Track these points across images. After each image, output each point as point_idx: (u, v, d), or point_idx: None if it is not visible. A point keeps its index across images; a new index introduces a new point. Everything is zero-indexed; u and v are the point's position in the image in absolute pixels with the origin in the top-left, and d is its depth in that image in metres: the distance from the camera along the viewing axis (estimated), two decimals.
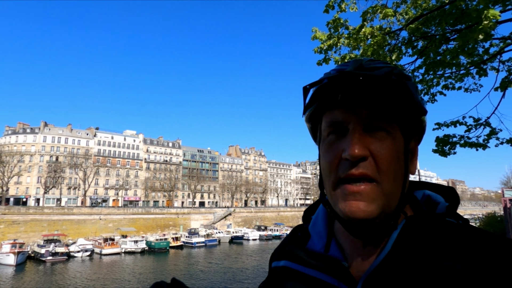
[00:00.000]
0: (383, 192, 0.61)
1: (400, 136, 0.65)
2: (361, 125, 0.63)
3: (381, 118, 0.63)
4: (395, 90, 0.63)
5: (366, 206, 0.60)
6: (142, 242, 53.06)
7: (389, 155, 0.62)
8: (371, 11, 5.02)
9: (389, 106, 0.63)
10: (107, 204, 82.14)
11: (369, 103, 0.63)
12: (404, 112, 0.65)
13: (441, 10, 4.60)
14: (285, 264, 0.77)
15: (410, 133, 0.68)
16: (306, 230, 0.80)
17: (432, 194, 0.72)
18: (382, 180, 0.61)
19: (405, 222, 0.64)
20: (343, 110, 0.65)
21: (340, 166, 0.63)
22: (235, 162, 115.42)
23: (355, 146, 0.61)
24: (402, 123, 0.66)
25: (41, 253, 43.60)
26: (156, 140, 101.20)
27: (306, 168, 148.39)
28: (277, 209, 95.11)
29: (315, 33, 5.40)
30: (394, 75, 0.64)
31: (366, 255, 0.66)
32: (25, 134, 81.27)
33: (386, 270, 0.60)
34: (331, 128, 0.66)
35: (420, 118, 0.68)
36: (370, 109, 0.63)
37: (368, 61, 0.68)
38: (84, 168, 78.05)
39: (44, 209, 60.04)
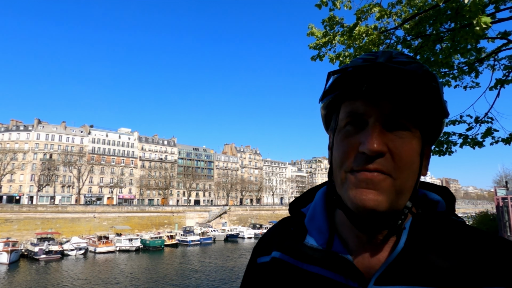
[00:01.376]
0: (396, 188, 0.60)
1: (419, 135, 0.63)
2: (382, 120, 0.61)
3: (405, 115, 0.61)
4: (424, 88, 0.61)
5: (377, 195, 0.59)
6: (136, 240, 52.89)
7: (407, 155, 0.61)
8: (365, 9, 5.02)
9: (415, 104, 0.61)
10: (101, 202, 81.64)
11: (395, 98, 0.61)
12: (429, 113, 0.64)
13: (436, 10, 4.60)
14: (279, 256, 0.73)
15: (429, 135, 0.67)
16: (301, 225, 0.75)
17: (427, 192, 0.72)
18: (397, 177, 0.60)
19: (413, 220, 0.64)
20: (365, 102, 0.62)
21: (356, 159, 0.62)
22: (231, 161, 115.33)
23: (374, 140, 0.59)
24: (423, 123, 0.64)
25: (34, 252, 43.31)
26: (151, 138, 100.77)
27: (302, 166, 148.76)
28: (273, 208, 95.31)
29: (311, 30, 5.40)
30: (424, 72, 0.61)
31: (374, 251, 0.64)
32: (18, 131, 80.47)
33: (399, 268, 0.59)
34: (350, 119, 0.64)
35: (441, 121, 0.66)
36: (394, 105, 0.61)
37: (397, 54, 0.65)
38: (78, 166, 77.54)
39: (38, 207, 59.61)
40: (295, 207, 0.83)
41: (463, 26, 4.34)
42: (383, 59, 0.62)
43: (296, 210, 0.82)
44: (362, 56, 0.66)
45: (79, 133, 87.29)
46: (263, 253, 0.79)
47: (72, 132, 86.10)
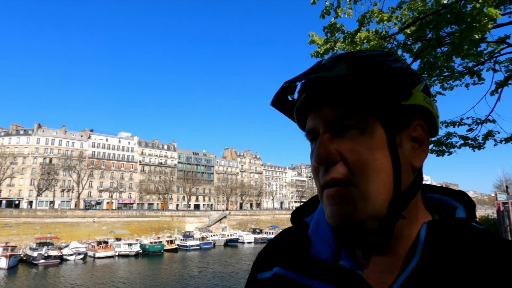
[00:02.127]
0: (362, 195, 0.55)
1: (378, 128, 0.58)
2: (329, 127, 0.59)
3: (350, 115, 0.57)
4: (356, 78, 0.57)
5: (343, 210, 0.56)
6: (136, 245, 52.69)
7: (360, 154, 0.56)
8: (367, 15, 5.06)
9: (355, 100, 0.58)
10: (101, 207, 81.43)
11: (332, 102, 0.59)
12: (377, 101, 0.58)
13: (437, 14, 4.63)
14: (280, 272, 0.67)
15: (397, 121, 0.60)
16: (304, 236, 0.69)
17: (443, 198, 0.67)
18: (358, 183, 0.56)
19: (427, 228, 0.58)
20: (312, 116, 0.62)
21: (318, 174, 0.60)
22: (231, 165, 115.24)
23: (319, 150, 0.57)
24: (379, 113, 0.58)
25: (33, 256, 43.08)
26: (151, 142, 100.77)
27: (302, 171, 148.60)
28: (273, 212, 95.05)
29: (312, 38, 5.44)
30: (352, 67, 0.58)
31: (387, 264, 0.59)
32: (18, 135, 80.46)
33: (417, 282, 0.53)
34: (310, 136, 0.63)
35: (400, 104, 0.59)
36: (335, 109, 0.58)
37: (329, 59, 0.62)
38: (78, 171, 77.44)
39: (37, 212, 59.44)
40: (298, 217, 0.76)
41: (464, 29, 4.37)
42: (306, 72, 0.61)
43: (299, 220, 0.75)
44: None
45: (79, 137, 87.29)
46: (264, 268, 0.72)
47: (72, 137, 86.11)
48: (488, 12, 3.44)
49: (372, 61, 0.59)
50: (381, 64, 0.59)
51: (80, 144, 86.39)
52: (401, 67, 0.60)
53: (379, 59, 0.60)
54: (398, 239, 0.58)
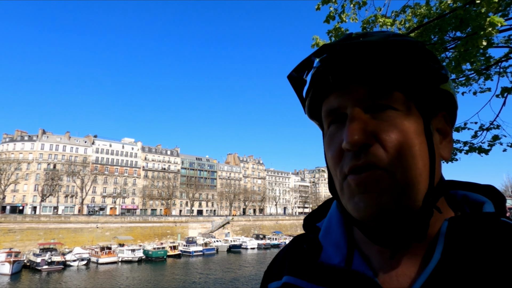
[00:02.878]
0: (398, 183, 0.49)
1: (415, 112, 0.53)
2: (360, 106, 0.53)
3: (384, 94, 0.52)
4: (395, 56, 0.52)
5: (377, 198, 0.49)
6: (139, 250, 52.58)
7: (399, 138, 0.50)
8: (371, 20, 5.07)
9: (392, 77, 0.52)
10: (104, 212, 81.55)
11: (366, 79, 0.52)
12: (415, 82, 0.53)
13: (441, 19, 4.63)
14: (290, 280, 0.62)
15: (431, 107, 0.55)
16: (315, 241, 0.65)
17: (469, 193, 0.61)
18: (396, 169, 0.49)
19: (448, 224, 0.52)
20: (338, 94, 0.55)
21: (344, 160, 0.53)
22: (234, 170, 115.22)
23: (353, 131, 0.50)
24: (415, 96, 0.53)
25: (37, 262, 43.08)
26: (154, 148, 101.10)
27: (305, 176, 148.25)
28: (276, 218, 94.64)
29: (315, 41, 5.45)
30: (392, 37, 0.53)
31: (403, 268, 0.53)
32: (23, 141, 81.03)
33: (438, 284, 0.48)
34: (330, 117, 0.57)
35: (440, 87, 0.55)
36: (368, 86, 0.52)
37: (358, 34, 0.57)
38: (81, 176, 77.76)
39: (41, 217, 59.59)
40: (310, 222, 0.72)
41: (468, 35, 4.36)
42: (339, 42, 0.54)
43: (311, 225, 0.71)
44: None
45: (83, 143, 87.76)
46: (274, 278, 0.68)
47: (76, 142, 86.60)
48: (492, 20, 3.44)
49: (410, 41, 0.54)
50: (417, 45, 0.54)
51: (84, 149, 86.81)
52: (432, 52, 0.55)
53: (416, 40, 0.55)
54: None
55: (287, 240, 75.95)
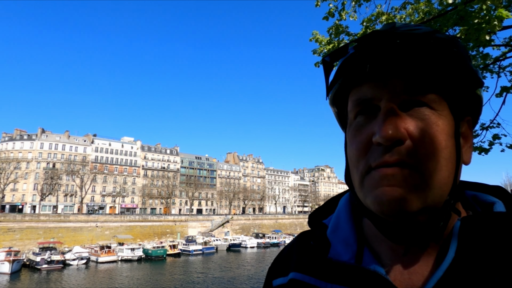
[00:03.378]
0: (426, 182, 0.49)
1: (448, 114, 0.52)
2: (396, 100, 0.51)
3: (422, 91, 0.50)
4: (439, 54, 0.50)
5: (403, 193, 0.48)
6: (139, 249, 52.61)
7: (433, 137, 0.49)
8: (373, 18, 5.05)
9: (433, 75, 0.51)
10: (104, 211, 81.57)
11: (406, 73, 0.50)
12: (454, 83, 0.52)
13: (442, 16, 4.62)
14: (297, 277, 0.61)
15: (463, 110, 0.55)
16: (323, 237, 0.64)
17: (477, 193, 0.61)
18: (425, 167, 0.49)
19: (461, 224, 0.52)
20: (372, 84, 0.53)
21: (371, 153, 0.51)
22: (233, 169, 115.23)
23: (388, 126, 0.49)
24: (451, 97, 0.53)
25: (36, 261, 43.10)
26: (154, 147, 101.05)
27: (304, 175, 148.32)
28: (275, 217, 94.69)
29: (315, 36, 5.44)
30: (438, 36, 0.51)
31: (416, 265, 0.52)
32: (22, 140, 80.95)
33: (452, 282, 0.47)
34: (359, 107, 0.55)
35: (475, 92, 0.54)
36: (407, 81, 0.51)
37: (402, 25, 0.54)
38: (81, 175, 77.69)
39: (40, 217, 59.58)
40: (316, 219, 0.71)
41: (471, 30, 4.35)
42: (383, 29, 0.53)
43: (317, 222, 0.70)
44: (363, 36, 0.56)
45: (82, 142, 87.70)
46: (279, 274, 0.67)
47: (75, 141, 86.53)
48: (499, 13, 3.41)
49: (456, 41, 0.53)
50: (462, 45, 0.53)
51: (83, 148, 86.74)
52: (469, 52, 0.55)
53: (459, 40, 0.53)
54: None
55: (287, 239, 76.14)
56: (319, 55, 5.49)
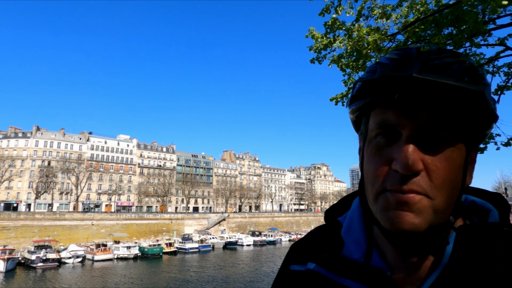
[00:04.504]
0: (434, 208, 0.54)
1: (462, 147, 0.57)
2: (418, 132, 0.55)
3: (445, 127, 0.54)
4: (467, 98, 0.53)
5: (413, 218, 0.54)
6: (135, 247, 52.48)
7: (446, 171, 0.54)
8: (366, 6, 5.08)
9: (456, 114, 0.55)
10: (99, 210, 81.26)
11: (432, 109, 0.54)
12: (473, 121, 0.57)
13: (438, 15, 4.63)
14: (315, 269, 0.68)
15: (474, 142, 0.60)
16: (337, 236, 0.72)
17: (477, 200, 0.66)
18: (435, 197, 0.54)
19: (457, 233, 0.58)
20: (398, 112, 0.56)
21: (388, 177, 0.56)
22: (229, 167, 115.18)
23: (409, 157, 0.53)
24: (468, 132, 0.57)
25: (31, 260, 42.86)
26: (150, 145, 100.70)
27: (300, 173, 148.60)
28: (272, 215, 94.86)
29: (311, 32, 5.44)
30: (467, 78, 0.53)
31: (416, 268, 0.59)
32: (16, 138, 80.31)
33: (445, 285, 0.54)
34: (381, 130, 0.58)
35: (490, 126, 0.59)
36: (432, 116, 0.54)
37: (436, 54, 0.56)
38: (76, 173, 77.28)
39: (35, 215, 59.21)
40: (331, 216, 0.78)
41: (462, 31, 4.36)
42: (417, 69, 0.54)
43: (332, 219, 0.77)
44: (393, 56, 0.59)
45: (78, 140, 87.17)
46: (297, 261, 0.74)
47: (70, 139, 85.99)
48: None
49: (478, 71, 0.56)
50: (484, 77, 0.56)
51: (79, 146, 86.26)
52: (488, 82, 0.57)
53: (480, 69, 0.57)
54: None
55: (283, 237, 76.41)
56: (315, 51, 5.49)
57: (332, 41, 5.26)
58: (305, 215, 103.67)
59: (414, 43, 5.17)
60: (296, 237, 76.39)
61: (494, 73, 5.66)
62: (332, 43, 5.28)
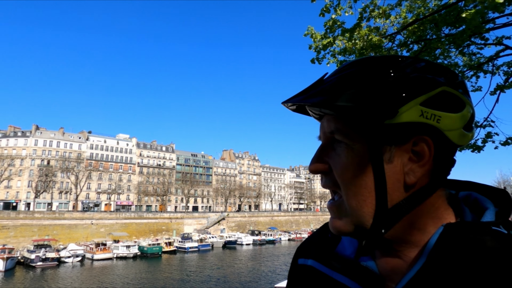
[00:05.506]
0: (347, 208, 0.59)
1: (361, 145, 0.59)
2: (324, 139, 0.63)
3: (339, 130, 0.60)
4: (341, 99, 0.58)
5: (335, 222, 0.61)
6: (134, 247, 52.50)
7: (341, 169, 0.60)
8: (368, 9, 5.08)
9: (344, 117, 0.60)
10: (99, 209, 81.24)
11: (329, 118, 0.63)
12: (362, 120, 0.59)
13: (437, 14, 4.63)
14: (312, 264, 0.74)
15: (381, 139, 0.59)
16: None
17: (479, 197, 0.65)
18: (344, 196, 0.60)
19: (442, 231, 0.57)
20: (320, 125, 0.66)
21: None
22: (229, 167, 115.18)
23: (312, 160, 0.62)
24: (364, 131, 0.60)
25: (31, 259, 42.86)
26: (149, 144, 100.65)
27: (300, 172, 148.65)
28: (271, 214, 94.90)
29: (310, 31, 5.45)
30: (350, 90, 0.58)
31: (398, 264, 0.61)
32: (16, 137, 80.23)
33: (420, 283, 0.55)
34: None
35: (383, 123, 0.58)
36: (330, 123, 0.62)
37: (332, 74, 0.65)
38: (76, 172, 77.25)
39: (35, 214, 59.21)
40: None
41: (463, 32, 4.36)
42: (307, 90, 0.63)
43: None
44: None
45: (77, 139, 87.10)
46: (303, 255, 0.79)
47: (70, 138, 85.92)
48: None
49: (372, 74, 0.59)
50: (380, 77, 0.59)
51: (78, 145, 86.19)
52: (404, 76, 0.58)
53: (383, 70, 0.59)
54: (405, 244, 0.60)
55: (283, 236, 76.48)
56: (314, 50, 5.50)
57: (332, 41, 5.27)
58: (305, 214, 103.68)
59: (413, 43, 5.18)
60: (295, 237, 76.52)
61: (493, 73, 5.66)
62: (332, 43, 5.29)
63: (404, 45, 5.22)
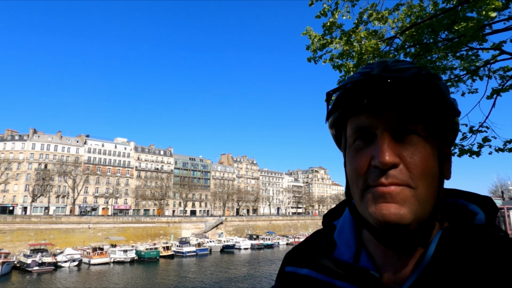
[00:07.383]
0: (417, 197, 0.58)
1: (431, 139, 0.62)
2: (390, 130, 0.61)
3: (412, 121, 0.60)
4: (425, 91, 0.60)
5: (398, 209, 0.57)
6: (131, 251, 52.23)
7: (422, 160, 0.59)
8: (367, 13, 5.12)
9: (420, 108, 0.61)
10: (96, 213, 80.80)
11: (398, 106, 0.60)
12: (436, 114, 0.63)
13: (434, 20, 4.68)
14: (308, 273, 0.72)
15: (443, 136, 0.65)
16: (331, 238, 0.76)
17: (466, 203, 0.69)
18: (417, 186, 0.58)
19: (442, 233, 0.61)
20: (369, 115, 0.62)
21: (369, 174, 0.61)
22: (227, 171, 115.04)
23: (385, 153, 0.58)
24: (434, 125, 0.63)
25: (27, 263, 42.52)
26: (147, 148, 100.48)
27: (298, 176, 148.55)
28: (269, 218, 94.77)
29: (308, 31, 5.48)
30: (423, 76, 0.61)
31: (400, 267, 0.62)
32: (13, 141, 79.91)
33: (426, 284, 0.57)
34: (357, 134, 0.64)
35: (453, 120, 0.65)
36: (399, 113, 0.60)
37: (394, 62, 0.65)
38: (73, 176, 76.93)
39: (32, 218, 58.85)
40: (328, 220, 0.83)
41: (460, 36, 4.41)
42: (377, 70, 0.63)
43: (329, 223, 0.82)
44: (359, 70, 0.67)
45: (75, 142, 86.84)
46: (292, 263, 0.78)
47: (67, 142, 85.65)
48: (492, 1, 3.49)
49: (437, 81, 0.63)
50: (443, 84, 0.63)
51: (76, 149, 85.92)
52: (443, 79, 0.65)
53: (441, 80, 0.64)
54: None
55: (281, 240, 76.31)
56: (312, 51, 5.53)
57: (329, 42, 5.31)
58: (303, 218, 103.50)
59: (411, 46, 5.22)
60: (293, 241, 76.32)
61: (489, 77, 5.70)
62: (329, 44, 5.33)
63: (402, 49, 5.26)
